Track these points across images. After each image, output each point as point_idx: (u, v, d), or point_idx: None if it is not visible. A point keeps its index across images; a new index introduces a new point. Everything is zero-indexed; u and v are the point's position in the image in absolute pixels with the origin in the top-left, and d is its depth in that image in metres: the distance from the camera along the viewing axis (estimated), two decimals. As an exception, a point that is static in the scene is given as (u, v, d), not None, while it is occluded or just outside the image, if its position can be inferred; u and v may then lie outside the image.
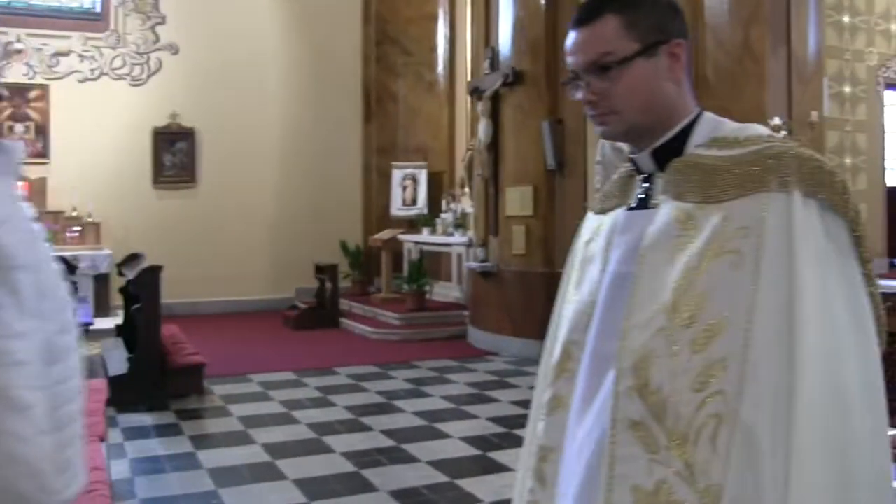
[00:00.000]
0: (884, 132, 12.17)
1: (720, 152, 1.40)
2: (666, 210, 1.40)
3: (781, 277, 1.26)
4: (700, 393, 1.26)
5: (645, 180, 1.50)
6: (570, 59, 1.46)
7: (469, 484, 4.89)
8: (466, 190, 11.87)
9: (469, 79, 11.49)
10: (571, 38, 1.46)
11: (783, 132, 8.70)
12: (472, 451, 5.60)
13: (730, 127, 1.46)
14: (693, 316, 1.29)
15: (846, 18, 11.60)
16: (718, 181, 1.36)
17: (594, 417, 1.41)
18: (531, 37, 9.19)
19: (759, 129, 1.44)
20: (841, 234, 1.34)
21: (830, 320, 1.27)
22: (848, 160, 11.47)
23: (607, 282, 1.46)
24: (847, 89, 11.55)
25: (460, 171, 12.53)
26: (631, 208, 1.50)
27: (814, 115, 9.07)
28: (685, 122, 1.47)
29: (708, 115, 1.50)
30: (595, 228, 1.57)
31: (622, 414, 1.33)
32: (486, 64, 9.79)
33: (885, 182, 12.14)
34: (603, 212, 1.58)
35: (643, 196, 1.49)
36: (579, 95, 1.46)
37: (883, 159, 12.07)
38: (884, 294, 4.07)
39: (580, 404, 1.45)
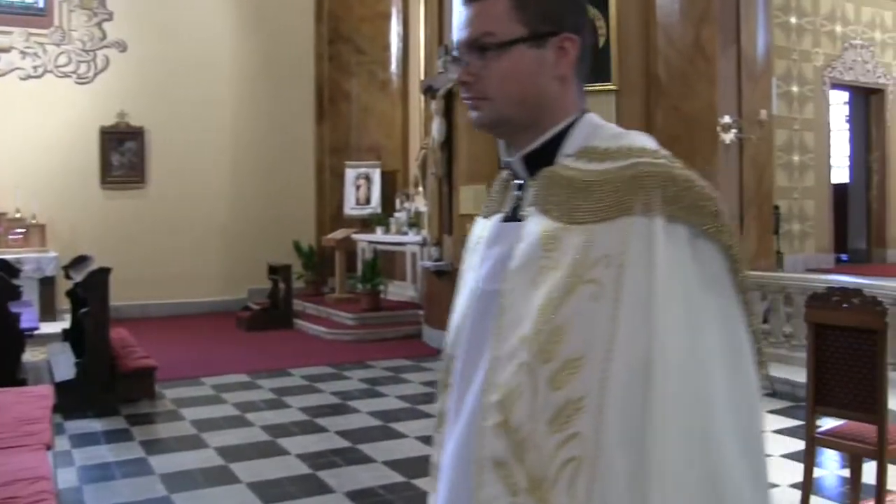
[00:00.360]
0: (830, 131, 12.42)
1: (587, 165, 1.27)
2: (532, 227, 1.28)
3: (642, 313, 1.16)
4: (558, 434, 1.18)
5: (520, 187, 1.37)
6: (454, 35, 1.35)
7: (426, 483, 4.86)
8: (420, 189, 11.85)
9: (422, 77, 11.46)
10: (460, 12, 1.35)
11: (734, 129, 8.82)
12: (428, 451, 5.54)
13: (606, 134, 1.31)
14: (552, 351, 1.19)
15: (793, 19, 11.81)
16: (582, 200, 1.24)
17: (455, 436, 1.33)
18: (484, 35, 9.18)
19: (635, 141, 1.29)
20: (714, 262, 1.22)
21: (695, 359, 1.16)
22: (796, 158, 11.67)
23: (476, 299, 1.35)
24: (795, 89, 11.75)
25: (414, 170, 12.51)
26: (506, 217, 1.38)
27: (763, 113, 9.22)
28: (562, 125, 1.33)
29: (589, 118, 1.34)
30: (479, 235, 1.45)
31: (487, 452, 1.24)
32: (439, 62, 9.77)
33: (830, 179, 12.38)
34: (487, 216, 1.45)
35: (516, 205, 1.36)
36: (454, 75, 1.35)
37: (829, 157, 12.32)
38: (832, 288, 4.12)
39: (453, 420, 1.36)
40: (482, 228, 1.44)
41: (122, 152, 12.21)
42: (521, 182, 1.37)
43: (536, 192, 1.31)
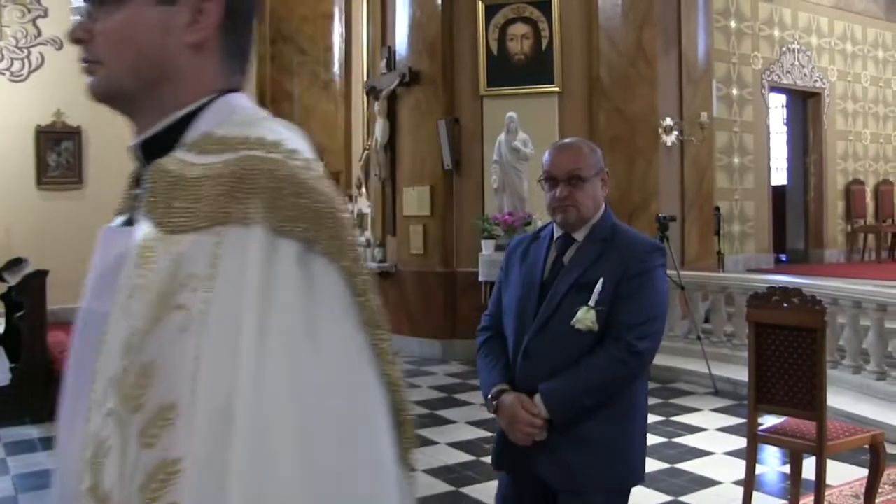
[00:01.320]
0: (769, 133, 12.66)
1: (196, 158, 1.00)
2: (137, 234, 1.00)
3: (227, 350, 0.89)
4: None
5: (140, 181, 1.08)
6: None
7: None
8: (363, 190, 11.78)
9: (365, 78, 11.42)
10: None
11: (675, 131, 8.93)
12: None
13: (239, 119, 1.06)
14: (141, 396, 0.92)
15: (733, 23, 12.01)
16: (181, 203, 0.97)
17: (56, 491, 1.06)
18: (428, 37, 9.17)
19: (256, 130, 1.04)
20: (333, 289, 0.95)
21: (292, 419, 0.88)
22: (736, 160, 11.87)
23: (80, 319, 1.08)
24: (735, 91, 11.95)
25: (357, 172, 12.44)
26: (126, 219, 1.10)
27: (703, 115, 9.36)
28: (190, 107, 1.05)
29: (228, 100, 1.09)
30: None
31: None
32: (382, 63, 9.74)
33: (770, 181, 12.62)
34: (119, 213, 1.16)
35: (134, 205, 1.08)
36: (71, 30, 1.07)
37: (769, 159, 12.55)
38: (772, 288, 4.17)
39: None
40: None
41: (59, 152, 11.93)
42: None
43: (144, 191, 1.02)
